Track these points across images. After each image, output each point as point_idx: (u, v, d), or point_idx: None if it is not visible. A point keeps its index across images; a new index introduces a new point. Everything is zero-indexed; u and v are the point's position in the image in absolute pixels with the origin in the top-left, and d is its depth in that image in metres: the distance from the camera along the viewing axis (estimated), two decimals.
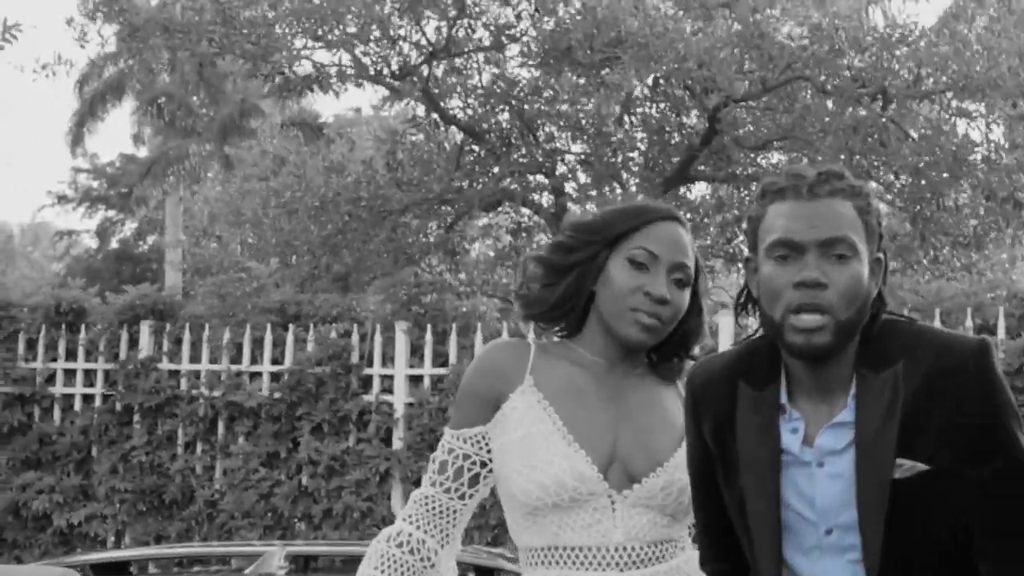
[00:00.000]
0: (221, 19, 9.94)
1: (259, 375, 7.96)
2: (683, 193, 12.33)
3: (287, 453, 7.79)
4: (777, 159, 11.84)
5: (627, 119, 11.62)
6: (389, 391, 7.73)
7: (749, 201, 9.57)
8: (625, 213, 2.03)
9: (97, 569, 5.47)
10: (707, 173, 11.57)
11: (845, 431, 1.63)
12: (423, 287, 8.06)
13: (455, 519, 2.04)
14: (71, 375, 8.36)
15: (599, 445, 1.93)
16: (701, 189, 12.95)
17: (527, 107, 10.98)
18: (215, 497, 7.87)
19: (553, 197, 11.65)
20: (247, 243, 16.40)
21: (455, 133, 11.92)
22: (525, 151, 11.41)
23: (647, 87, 11.06)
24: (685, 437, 1.85)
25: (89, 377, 8.34)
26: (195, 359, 8.12)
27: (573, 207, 11.36)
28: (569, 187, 11.79)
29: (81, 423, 8.20)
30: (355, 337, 7.79)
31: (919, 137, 9.79)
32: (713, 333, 6.96)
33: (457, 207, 11.72)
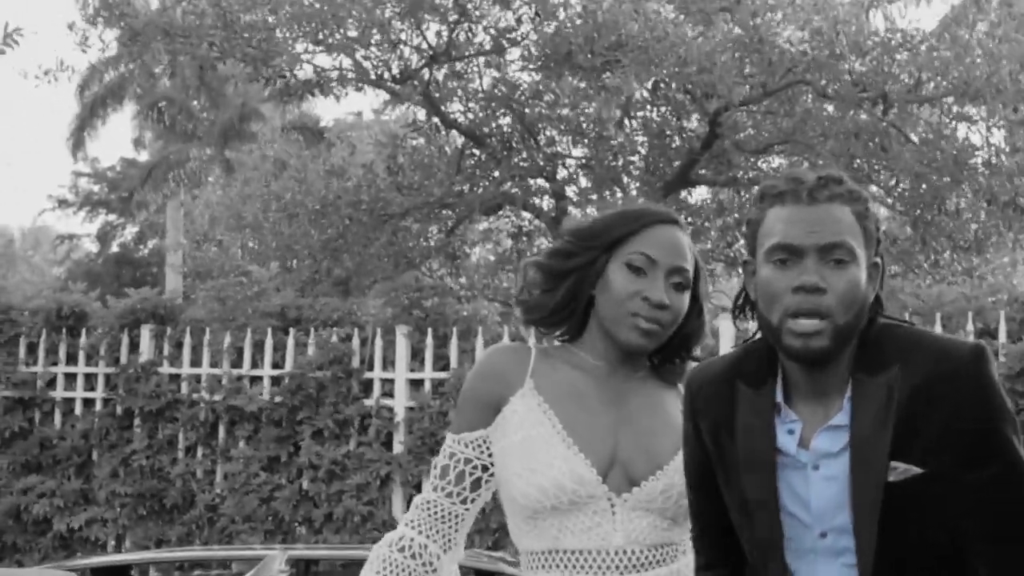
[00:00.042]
0: (222, 23, 9.94)
1: (260, 379, 7.96)
2: (684, 197, 12.35)
3: (288, 457, 7.79)
4: (778, 163, 11.84)
5: (628, 123, 11.62)
6: (390, 395, 7.72)
7: (750, 205, 9.55)
8: (623, 217, 2.03)
9: (98, 573, 5.47)
10: (708, 177, 11.57)
11: (840, 434, 1.64)
12: (424, 291, 8.04)
13: (457, 524, 2.04)
14: (72, 379, 8.36)
15: (599, 448, 1.93)
16: (702, 193, 12.97)
17: (528, 111, 10.99)
18: (216, 501, 7.86)
19: (554, 201, 11.66)
20: (248, 247, 16.40)
21: (456, 137, 11.93)
22: (526, 155, 11.43)
23: (648, 91, 11.06)
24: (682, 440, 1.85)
25: (90, 381, 8.34)
26: (196, 363, 8.12)
27: (574, 211, 11.35)
28: (570, 191, 11.82)
29: (82, 427, 8.20)
30: (356, 341, 7.79)
31: (920, 141, 9.80)
32: (714, 337, 6.95)
33: (458, 211, 11.74)
